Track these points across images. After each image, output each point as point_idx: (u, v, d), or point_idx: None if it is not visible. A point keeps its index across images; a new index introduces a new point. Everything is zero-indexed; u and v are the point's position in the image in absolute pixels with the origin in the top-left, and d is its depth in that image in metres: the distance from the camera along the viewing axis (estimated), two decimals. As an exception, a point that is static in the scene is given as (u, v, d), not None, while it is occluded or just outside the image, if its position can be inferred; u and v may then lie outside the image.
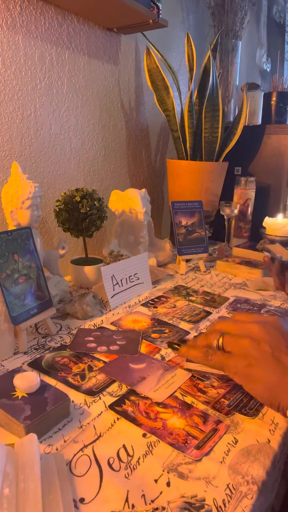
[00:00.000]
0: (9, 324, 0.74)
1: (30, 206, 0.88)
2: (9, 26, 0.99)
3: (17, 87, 1.04)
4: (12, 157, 1.06)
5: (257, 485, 0.47)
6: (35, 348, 0.78)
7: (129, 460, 0.50)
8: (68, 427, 0.56)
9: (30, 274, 0.78)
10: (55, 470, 0.46)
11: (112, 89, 1.37)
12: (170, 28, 1.54)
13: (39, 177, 1.15)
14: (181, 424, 0.57)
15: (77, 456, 0.51)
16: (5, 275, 0.73)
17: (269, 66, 2.58)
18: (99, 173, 1.38)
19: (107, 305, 0.99)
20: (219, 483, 0.47)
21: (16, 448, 0.47)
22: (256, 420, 0.58)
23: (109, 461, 0.50)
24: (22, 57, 1.04)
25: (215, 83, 1.44)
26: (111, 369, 0.70)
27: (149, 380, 0.67)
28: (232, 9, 1.74)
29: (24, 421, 0.52)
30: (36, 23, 1.05)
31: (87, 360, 0.73)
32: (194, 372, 0.69)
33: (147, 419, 0.58)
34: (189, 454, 0.51)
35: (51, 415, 0.55)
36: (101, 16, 1.18)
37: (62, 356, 0.75)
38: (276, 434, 0.56)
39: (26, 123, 1.08)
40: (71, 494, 0.44)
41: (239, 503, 0.45)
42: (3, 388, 0.58)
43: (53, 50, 1.12)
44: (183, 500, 0.44)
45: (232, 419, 0.58)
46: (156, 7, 1.19)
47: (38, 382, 0.58)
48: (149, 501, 0.45)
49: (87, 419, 0.58)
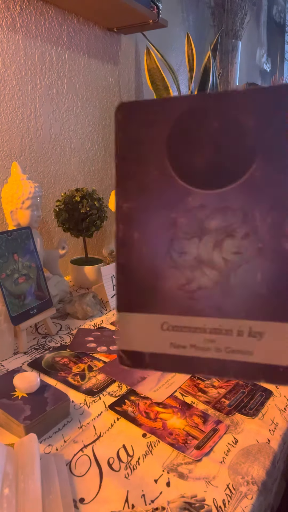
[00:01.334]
0: (9, 324, 0.74)
1: (30, 206, 0.88)
2: (9, 26, 0.99)
3: (17, 87, 1.04)
4: (12, 157, 1.06)
5: (257, 485, 0.47)
6: (35, 348, 0.78)
7: (129, 460, 0.50)
8: (68, 427, 0.56)
9: (30, 274, 0.78)
10: (55, 470, 0.46)
11: (112, 89, 1.37)
12: (170, 28, 1.54)
13: (39, 177, 1.15)
14: (181, 424, 0.57)
15: (77, 456, 0.51)
16: (5, 275, 0.73)
17: (269, 66, 2.58)
18: (99, 173, 1.38)
19: (107, 305, 0.99)
20: (219, 483, 0.47)
21: (16, 448, 0.47)
22: (256, 420, 0.58)
23: (109, 461, 0.50)
24: (22, 57, 1.04)
25: (215, 83, 1.44)
26: (111, 369, 0.70)
27: (149, 380, 0.67)
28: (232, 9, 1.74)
29: (24, 421, 0.52)
30: (36, 23, 1.05)
31: (87, 360, 0.73)
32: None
33: (147, 419, 0.58)
34: (189, 454, 0.51)
35: (51, 415, 0.55)
36: (101, 16, 1.18)
37: (62, 356, 0.75)
38: (276, 434, 0.56)
39: (26, 123, 1.08)
40: (71, 494, 0.44)
41: (239, 503, 0.45)
42: (3, 388, 0.58)
43: (53, 50, 1.12)
44: (183, 500, 0.44)
45: (232, 419, 0.58)
46: (156, 7, 1.19)
47: (38, 382, 0.58)
48: (149, 501, 0.45)
49: (87, 419, 0.58)
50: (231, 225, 0.26)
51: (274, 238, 0.25)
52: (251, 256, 0.26)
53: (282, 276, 0.26)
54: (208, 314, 0.27)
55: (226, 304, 0.26)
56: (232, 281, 0.26)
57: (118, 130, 0.28)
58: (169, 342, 0.28)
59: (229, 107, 0.26)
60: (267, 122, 0.25)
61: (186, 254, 0.27)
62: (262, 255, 0.26)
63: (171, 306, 0.27)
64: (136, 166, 0.28)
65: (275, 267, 0.26)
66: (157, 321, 0.28)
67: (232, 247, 0.26)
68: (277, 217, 0.25)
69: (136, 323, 0.29)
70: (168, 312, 0.28)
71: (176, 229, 0.27)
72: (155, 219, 0.27)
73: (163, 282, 0.27)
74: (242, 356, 0.26)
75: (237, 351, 0.26)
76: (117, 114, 0.28)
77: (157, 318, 0.28)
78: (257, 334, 0.26)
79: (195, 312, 0.27)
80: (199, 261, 0.27)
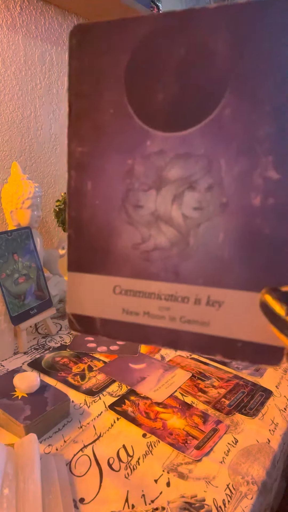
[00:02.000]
0: (9, 324, 0.74)
1: (30, 206, 0.88)
2: (9, 26, 0.99)
3: (17, 87, 1.04)
4: (12, 157, 1.06)
5: (257, 485, 0.47)
6: (35, 348, 0.78)
7: (129, 460, 0.50)
8: (68, 427, 0.56)
9: (30, 274, 0.78)
10: (55, 470, 0.46)
11: (112, 89, 1.37)
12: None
13: (39, 177, 1.15)
14: (181, 424, 0.57)
15: (77, 456, 0.51)
16: (5, 275, 0.73)
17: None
18: (99, 173, 1.37)
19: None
20: (219, 483, 0.47)
21: (16, 448, 0.47)
22: (256, 420, 0.58)
23: (109, 461, 0.50)
24: (22, 57, 1.04)
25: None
26: (111, 369, 0.70)
27: (149, 380, 0.67)
28: (232, 9, 1.74)
29: (24, 421, 0.52)
30: (36, 23, 1.05)
31: (87, 360, 0.73)
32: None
33: (147, 419, 0.58)
34: (189, 454, 0.51)
35: (51, 415, 0.55)
36: (101, 16, 1.18)
37: (62, 356, 0.75)
38: (276, 434, 0.56)
39: (26, 123, 1.08)
40: (71, 494, 0.44)
41: (239, 503, 0.45)
42: (3, 388, 0.58)
43: (53, 50, 1.12)
44: (183, 500, 0.44)
45: (232, 419, 0.58)
46: (156, 7, 1.19)
47: (38, 382, 0.58)
48: (149, 501, 0.45)
49: (87, 419, 0.58)
50: (193, 175, 0.22)
51: (241, 191, 0.22)
52: (214, 212, 0.22)
53: (247, 238, 0.22)
54: (163, 278, 0.24)
55: (183, 268, 0.23)
56: (191, 242, 0.23)
57: (72, 58, 0.24)
58: (121, 308, 0.25)
59: (196, 28, 0.21)
60: (240, 45, 0.21)
61: (142, 208, 0.24)
62: (226, 212, 0.22)
63: (124, 267, 0.24)
64: (90, 103, 0.24)
65: (239, 227, 0.22)
66: (109, 283, 0.25)
67: (192, 201, 0.23)
68: (246, 165, 0.21)
69: (86, 285, 0.25)
70: (121, 274, 0.25)
71: (132, 179, 0.24)
72: (109, 166, 0.24)
73: (117, 239, 0.24)
74: (198, 327, 0.23)
75: (193, 321, 0.23)
76: (71, 38, 0.24)
77: (109, 280, 0.25)
78: (215, 303, 0.23)
79: (149, 275, 0.24)
80: (156, 217, 0.23)
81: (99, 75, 0.23)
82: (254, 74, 0.21)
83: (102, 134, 0.24)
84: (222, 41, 0.21)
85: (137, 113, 0.23)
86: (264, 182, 0.21)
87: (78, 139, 0.25)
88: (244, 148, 0.21)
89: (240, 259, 0.22)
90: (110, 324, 0.25)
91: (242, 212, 0.22)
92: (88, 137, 0.24)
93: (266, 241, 0.21)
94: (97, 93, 0.23)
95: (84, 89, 0.24)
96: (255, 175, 0.21)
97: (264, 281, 0.21)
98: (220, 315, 0.23)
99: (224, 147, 0.22)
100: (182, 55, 0.22)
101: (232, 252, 0.22)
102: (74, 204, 0.25)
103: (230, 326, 0.23)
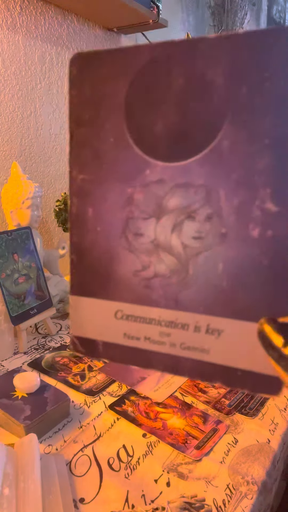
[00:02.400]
0: (9, 324, 0.74)
1: (30, 206, 0.88)
2: (9, 26, 0.99)
3: (17, 87, 1.04)
4: (12, 157, 1.06)
5: (257, 485, 0.47)
6: (35, 348, 0.78)
7: (129, 460, 0.50)
8: (68, 427, 0.56)
9: (30, 274, 0.78)
10: (55, 470, 0.46)
11: (112, 89, 1.37)
12: (170, 28, 1.53)
13: (39, 177, 1.15)
14: (181, 424, 0.57)
15: (77, 456, 0.51)
16: (5, 275, 0.73)
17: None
18: (99, 173, 1.37)
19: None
20: (219, 483, 0.47)
21: (16, 448, 0.47)
22: (256, 420, 0.58)
23: (109, 461, 0.50)
24: (22, 57, 1.04)
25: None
26: (111, 369, 0.70)
27: (149, 380, 0.67)
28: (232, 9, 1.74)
29: (24, 421, 0.52)
30: (36, 23, 1.05)
31: (87, 360, 0.73)
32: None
33: (147, 419, 0.58)
34: (189, 454, 0.51)
35: (51, 415, 0.55)
36: (101, 16, 1.18)
37: (62, 356, 0.75)
38: (276, 434, 0.56)
39: (26, 123, 1.08)
40: (71, 494, 0.44)
41: (239, 503, 0.45)
42: (3, 388, 0.58)
43: (53, 50, 1.12)
44: (183, 500, 0.44)
45: (232, 419, 0.58)
46: (156, 7, 1.19)
47: (38, 382, 0.58)
48: (149, 501, 0.45)
49: (87, 419, 0.58)
50: (192, 204, 0.22)
51: (240, 222, 0.22)
52: (213, 242, 0.22)
53: (246, 268, 0.22)
54: (164, 305, 0.24)
55: (183, 295, 0.23)
56: (191, 271, 0.23)
57: (72, 87, 0.24)
58: (123, 332, 0.25)
59: (195, 58, 0.21)
60: (239, 76, 0.21)
61: (143, 236, 0.24)
62: (225, 242, 0.22)
63: (125, 293, 0.25)
64: (91, 131, 0.24)
65: (239, 258, 0.22)
66: (111, 308, 0.25)
67: (192, 230, 0.23)
68: (245, 196, 0.21)
69: (89, 309, 0.26)
70: (122, 299, 0.25)
71: (132, 207, 0.24)
72: (110, 194, 0.24)
73: (118, 266, 0.25)
74: (198, 354, 0.23)
75: (193, 348, 0.23)
76: (71, 67, 0.24)
77: (110, 304, 0.25)
78: (215, 331, 0.23)
79: (150, 302, 0.24)
80: (156, 245, 0.24)
81: (99, 104, 0.23)
82: (253, 106, 0.21)
83: (103, 163, 0.24)
84: (221, 72, 0.21)
85: (137, 142, 0.23)
86: (263, 214, 0.21)
87: (79, 166, 0.25)
88: (243, 180, 0.21)
89: (239, 289, 0.22)
90: (112, 347, 0.26)
91: (241, 243, 0.22)
92: (89, 165, 0.24)
93: (265, 272, 0.22)
94: (97, 121, 0.24)
95: (84, 118, 0.24)
96: (253, 206, 0.21)
97: (262, 312, 0.22)
98: (219, 343, 0.23)
99: (223, 178, 0.22)
100: (181, 85, 0.22)
101: (231, 282, 0.22)
102: (76, 230, 0.25)
103: (230, 354, 0.23)
